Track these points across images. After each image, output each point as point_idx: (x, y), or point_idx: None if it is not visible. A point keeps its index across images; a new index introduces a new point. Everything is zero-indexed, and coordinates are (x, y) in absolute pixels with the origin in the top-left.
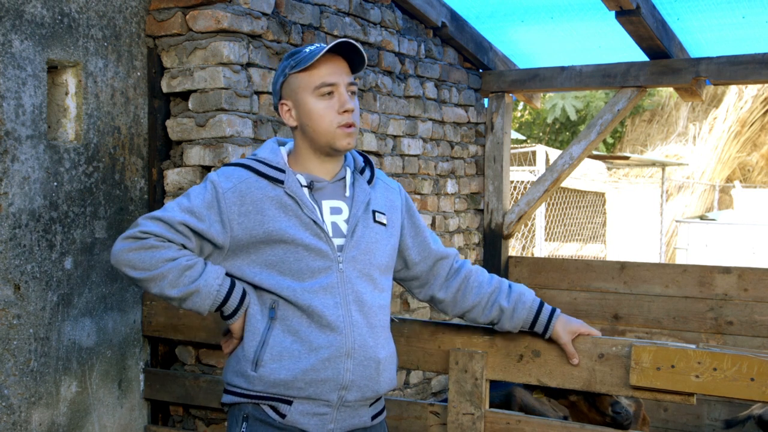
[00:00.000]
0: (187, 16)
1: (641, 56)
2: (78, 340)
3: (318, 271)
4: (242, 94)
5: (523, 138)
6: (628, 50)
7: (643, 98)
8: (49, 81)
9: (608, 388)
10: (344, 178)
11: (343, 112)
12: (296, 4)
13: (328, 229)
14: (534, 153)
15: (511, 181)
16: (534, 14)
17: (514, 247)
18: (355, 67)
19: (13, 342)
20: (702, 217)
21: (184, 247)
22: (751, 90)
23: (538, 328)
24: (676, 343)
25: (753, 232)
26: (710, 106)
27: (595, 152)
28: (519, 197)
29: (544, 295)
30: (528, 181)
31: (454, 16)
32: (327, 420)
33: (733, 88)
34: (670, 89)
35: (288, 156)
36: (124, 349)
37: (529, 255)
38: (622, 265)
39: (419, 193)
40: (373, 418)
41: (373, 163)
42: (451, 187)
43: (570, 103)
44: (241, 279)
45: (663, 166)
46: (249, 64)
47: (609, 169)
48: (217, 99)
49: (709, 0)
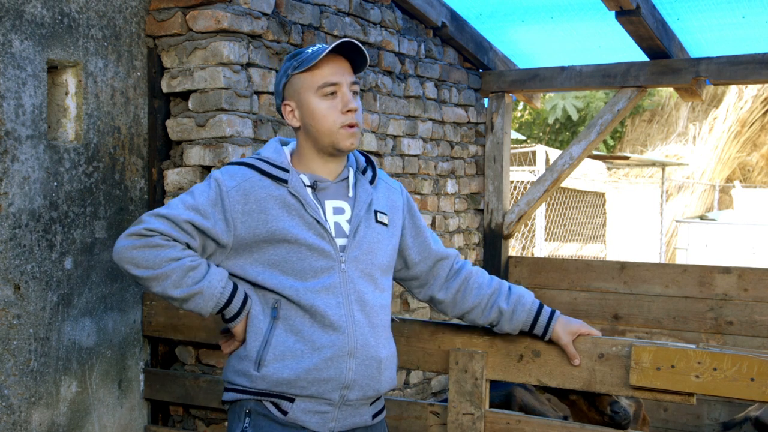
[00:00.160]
0: (187, 16)
1: (641, 56)
2: (78, 340)
3: (321, 271)
4: (242, 94)
5: (523, 138)
6: (628, 50)
7: (643, 98)
8: (49, 81)
9: (608, 388)
10: (347, 179)
11: (347, 111)
12: (296, 4)
13: (331, 229)
14: (534, 153)
15: (511, 181)
16: (534, 14)
17: (514, 247)
18: (357, 67)
19: (13, 342)
20: (702, 217)
21: (189, 246)
22: (751, 90)
23: (538, 330)
24: (676, 343)
25: (753, 232)
26: (710, 106)
27: (595, 152)
28: (519, 197)
29: (544, 295)
30: (528, 181)
31: (454, 16)
32: (328, 418)
33: (733, 88)
34: (670, 89)
35: (291, 156)
36: (124, 349)
37: (529, 255)
38: (622, 265)
39: (419, 193)
40: (374, 416)
41: (375, 163)
42: (451, 187)
43: (570, 103)
44: (244, 278)
45: (663, 166)
46: (249, 64)
47: (609, 169)
48: (217, 99)
49: (709, 0)
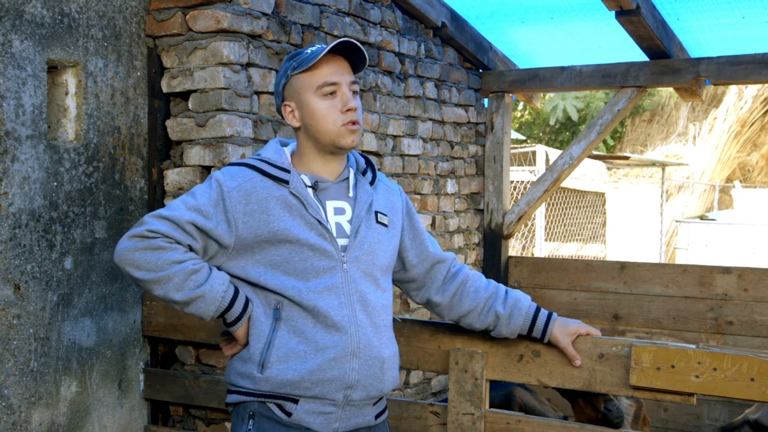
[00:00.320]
0: (187, 16)
1: (641, 56)
2: (78, 340)
3: (322, 271)
4: (242, 94)
5: (523, 138)
6: (628, 50)
7: (643, 98)
8: (49, 81)
9: (608, 388)
10: (347, 179)
11: (347, 110)
12: (296, 4)
13: (332, 230)
14: (534, 153)
15: (511, 181)
16: (534, 14)
17: (514, 247)
18: (357, 67)
19: (13, 342)
20: (702, 217)
21: (191, 247)
22: (751, 90)
23: (536, 334)
24: (676, 343)
25: (753, 232)
26: (710, 106)
27: (595, 152)
28: (519, 197)
29: (544, 295)
30: (528, 181)
31: (454, 16)
32: (332, 419)
33: (733, 88)
34: (670, 89)
35: (291, 156)
36: (124, 349)
37: (529, 255)
38: (622, 265)
39: (419, 193)
40: (377, 417)
41: (375, 164)
42: (451, 187)
43: (571, 104)
44: (245, 279)
45: (663, 166)
46: (249, 64)
47: (609, 169)
48: (217, 99)
49: (709, 0)
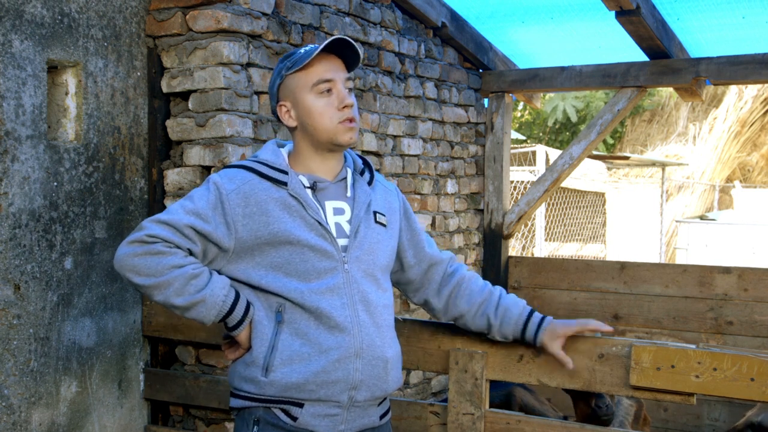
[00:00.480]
0: (187, 16)
1: (641, 56)
2: (78, 340)
3: (324, 272)
4: (242, 94)
5: (523, 138)
6: (628, 50)
7: (643, 98)
8: (49, 81)
9: (608, 388)
10: (345, 179)
11: (343, 107)
12: (296, 4)
13: (332, 230)
14: (534, 153)
15: (511, 181)
16: (534, 14)
17: (514, 247)
18: (351, 64)
19: (13, 342)
20: (702, 217)
21: (191, 251)
22: (751, 90)
23: (528, 341)
24: (676, 343)
25: (753, 232)
26: (710, 106)
27: (595, 152)
28: (519, 197)
29: (544, 295)
30: (528, 181)
31: (454, 16)
32: (338, 421)
33: (733, 88)
34: (670, 89)
35: (288, 157)
36: (124, 349)
37: (529, 255)
38: (622, 265)
39: (419, 193)
40: (381, 417)
41: (372, 165)
42: (451, 187)
43: (570, 104)
44: (247, 283)
45: (663, 166)
46: (249, 64)
47: (609, 169)
48: (217, 99)
49: (709, 0)
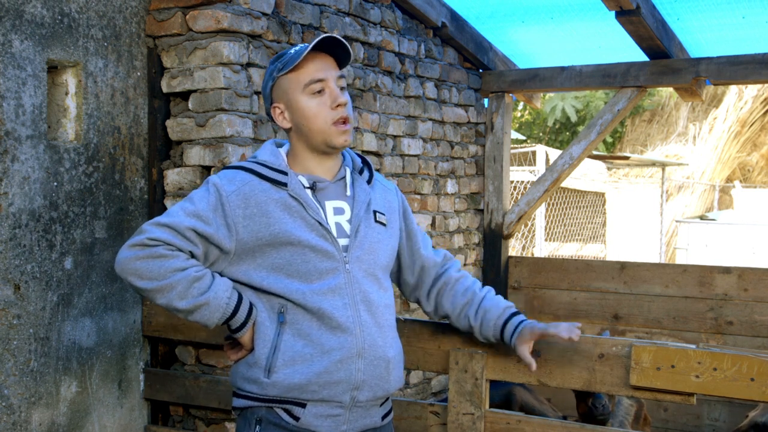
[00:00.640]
0: (187, 16)
1: (641, 56)
2: (78, 340)
3: (325, 272)
4: (242, 94)
5: (523, 138)
6: (628, 50)
7: (643, 98)
8: (49, 81)
9: (608, 388)
10: (344, 178)
11: (336, 106)
12: (296, 4)
13: (333, 230)
14: (534, 153)
15: (511, 181)
16: (534, 14)
17: (514, 247)
18: (342, 62)
19: (13, 342)
20: (702, 217)
21: (192, 254)
22: (751, 90)
23: (507, 344)
24: (676, 343)
25: (753, 232)
26: (710, 106)
27: (595, 152)
28: (519, 197)
29: (544, 295)
30: (528, 181)
31: (454, 16)
32: (340, 421)
33: (733, 88)
34: (670, 89)
35: (286, 157)
36: (124, 349)
37: (529, 255)
38: (622, 265)
39: (419, 193)
40: (383, 417)
41: (371, 164)
42: (451, 187)
43: (570, 104)
44: (249, 284)
45: (663, 166)
46: (249, 64)
47: (609, 169)
48: (217, 99)
49: (709, 0)
